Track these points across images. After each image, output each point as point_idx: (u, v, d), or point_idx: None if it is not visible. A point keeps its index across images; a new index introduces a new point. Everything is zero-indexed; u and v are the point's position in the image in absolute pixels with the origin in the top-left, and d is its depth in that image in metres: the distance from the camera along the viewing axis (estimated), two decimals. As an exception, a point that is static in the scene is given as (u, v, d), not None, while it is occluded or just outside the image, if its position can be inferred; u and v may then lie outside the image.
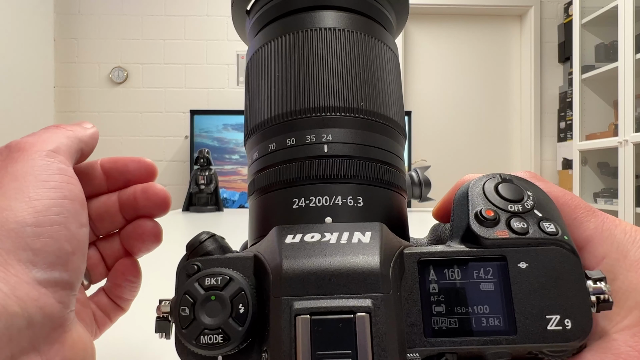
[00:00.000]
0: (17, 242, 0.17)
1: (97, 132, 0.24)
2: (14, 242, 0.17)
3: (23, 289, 0.16)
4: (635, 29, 2.13)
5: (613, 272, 0.18)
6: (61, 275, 0.18)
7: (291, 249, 0.17)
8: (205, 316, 0.16)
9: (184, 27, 2.80)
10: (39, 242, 0.17)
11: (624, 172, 2.17)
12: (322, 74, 0.21)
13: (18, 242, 0.17)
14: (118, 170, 0.25)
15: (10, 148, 0.20)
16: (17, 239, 0.17)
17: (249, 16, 0.25)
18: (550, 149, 3.01)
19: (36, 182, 0.18)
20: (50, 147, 0.20)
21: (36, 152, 0.19)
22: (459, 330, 0.16)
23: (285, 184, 0.20)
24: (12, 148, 0.20)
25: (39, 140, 0.20)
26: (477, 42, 3.04)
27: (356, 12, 0.23)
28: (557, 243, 0.17)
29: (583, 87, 2.52)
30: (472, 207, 0.18)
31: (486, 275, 0.17)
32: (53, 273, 0.18)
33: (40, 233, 0.17)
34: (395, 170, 0.22)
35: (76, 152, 0.22)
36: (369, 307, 0.15)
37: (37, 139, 0.20)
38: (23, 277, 0.17)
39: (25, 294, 0.16)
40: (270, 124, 0.21)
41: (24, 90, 2.36)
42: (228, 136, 2.53)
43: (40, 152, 0.19)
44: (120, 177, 0.25)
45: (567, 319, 0.16)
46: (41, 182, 0.18)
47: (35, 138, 0.20)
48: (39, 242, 0.17)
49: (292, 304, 0.15)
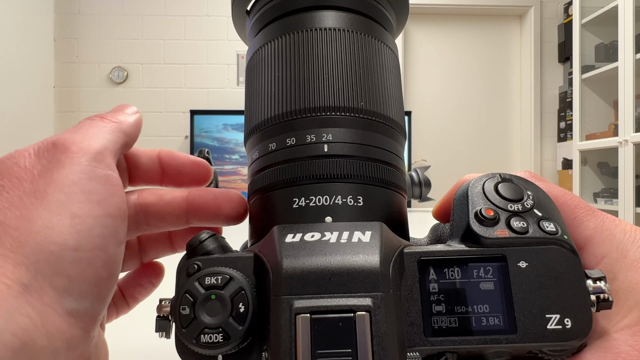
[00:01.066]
0: (55, 267, 0.16)
1: (141, 117, 0.23)
2: (52, 268, 0.16)
3: (54, 320, 0.15)
4: (635, 29, 2.12)
5: (613, 272, 0.18)
6: (92, 305, 0.17)
7: (291, 248, 0.17)
8: (205, 315, 0.16)
9: (184, 27, 2.80)
10: (76, 269, 0.16)
11: (624, 172, 2.17)
12: (322, 74, 0.21)
13: (56, 267, 0.16)
14: (176, 167, 0.24)
15: (56, 146, 0.18)
16: (56, 265, 0.16)
17: (249, 16, 0.25)
18: (550, 149, 3.01)
19: (81, 195, 0.17)
20: (96, 147, 0.19)
21: (82, 155, 0.18)
22: (459, 329, 0.16)
23: (286, 183, 0.20)
24: (58, 147, 0.18)
25: (84, 138, 0.19)
26: (477, 42, 3.04)
27: (356, 12, 0.23)
28: (557, 242, 0.17)
29: (583, 87, 2.52)
30: (472, 207, 0.18)
31: (486, 275, 0.17)
32: (84, 302, 0.17)
33: (80, 259, 0.16)
34: (395, 170, 0.22)
35: (121, 148, 0.21)
36: (369, 306, 0.15)
37: (83, 136, 0.19)
38: (55, 308, 0.16)
39: (55, 326, 0.15)
40: (271, 123, 0.21)
41: (24, 90, 2.36)
42: (228, 136, 2.53)
43: (86, 156, 0.18)
44: (177, 174, 0.24)
45: (567, 318, 0.16)
46: (86, 194, 0.17)
47: (81, 136, 0.19)
48: (76, 269, 0.16)
49: (292, 302, 0.15)
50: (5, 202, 0.16)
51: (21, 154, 0.18)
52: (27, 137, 2.41)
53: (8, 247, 0.15)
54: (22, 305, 0.15)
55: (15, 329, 0.14)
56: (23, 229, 0.16)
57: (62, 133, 0.19)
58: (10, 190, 0.17)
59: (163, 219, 0.23)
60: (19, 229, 0.16)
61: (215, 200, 0.23)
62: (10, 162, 0.18)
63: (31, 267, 0.15)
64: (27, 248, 0.16)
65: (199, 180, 0.24)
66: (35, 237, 0.16)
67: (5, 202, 0.16)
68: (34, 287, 0.15)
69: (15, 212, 0.16)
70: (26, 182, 0.17)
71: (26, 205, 0.16)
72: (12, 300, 0.15)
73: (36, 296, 0.15)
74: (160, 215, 0.22)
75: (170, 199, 0.23)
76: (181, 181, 0.24)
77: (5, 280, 0.15)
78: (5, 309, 0.14)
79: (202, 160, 0.24)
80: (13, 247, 0.15)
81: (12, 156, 0.18)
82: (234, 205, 0.23)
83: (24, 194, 0.17)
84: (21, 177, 0.17)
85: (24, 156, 0.18)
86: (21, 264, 0.15)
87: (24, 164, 0.17)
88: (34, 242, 0.16)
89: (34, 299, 0.15)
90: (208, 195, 0.23)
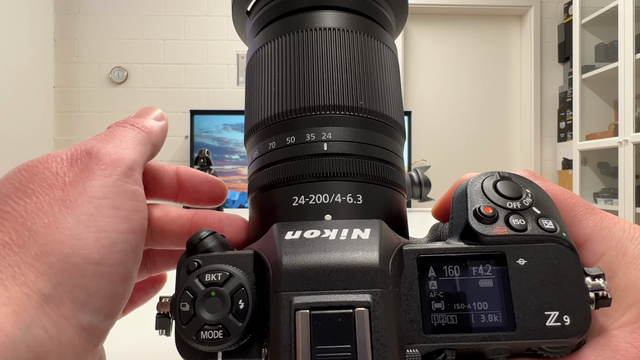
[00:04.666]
0: (77, 280, 0.16)
1: (167, 123, 0.22)
2: (73, 280, 0.16)
3: (68, 334, 0.15)
4: (635, 29, 2.13)
5: (612, 269, 0.18)
6: (105, 319, 0.17)
7: (291, 245, 0.17)
8: (205, 312, 0.16)
9: (184, 27, 2.80)
10: (96, 283, 0.16)
11: (624, 172, 2.17)
12: (322, 73, 0.21)
13: (78, 280, 0.16)
14: (194, 185, 0.23)
15: (90, 156, 0.18)
16: (78, 277, 0.16)
17: (250, 17, 0.25)
18: (550, 149, 3.01)
19: (109, 210, 0.17)
20: (128, 162, 0.19)
21: (115, 168, 0.18)
22: (458, 326, 0.16)
23: (285, 181, 0.20)
24: (92, 157, 0.18)
25: (118, 149, 0.19)
26: (477, 42, 3.04)
27: (356, 12, 0.23)
28: (555, 240, 0.17)
29: (583, 87, 2.52)
30: (471, 205, 0.18)
31: (485, 272, 0.17)
32: (98, 317, 0.17)
33: (101, 273, 0.16)
34: (394, 169, 0.22)
35: (148, 158, 0.21)
36: (368, 302, 0.15)
37: (117, 148, 0.19)
38: (71, 321, 0.16)
39: (68, 340, 0.15)
40: (271, 122, 0.21)
41: (24, 90, 2.36)
42: (228, 136, 2.53)
43: (118, 169, 0.18)
44: (193, 192, 0.24)
45: (566, 315, 0.16)
46: (114, 209, 0.17)
47: (115, 147, 0.19)
48: (96, 283, 0.16)
49: (292, 299, 0.15)
50: (34, 206, 0.16)
51: (54, 159, 0.18)
52: (27, 137, 2.42)
53: (32, 255, 0.15)
54: (39, 316, 0.15)
55: (30, 341, 0.14)
56: (50, 237, 0.16)
57: (95, 140, 0.19)
58: (39, 195, 0.17)
59: (165, 236, 0.22)
60: (46, 237, 0.16)
61: (218, 224, 0.22)
62: (42, 166, 0.17)
63: (53, 277, 0.15)
64: (52, 258, 0.15)
65: (214, 199, 0.24)
66: (61, 247, 0.16)
67: (33, 206, 0.16)
68: (54, 298, 0.15)
69: (43, 219, 0.16)
70: (57, 189, 0.17)
71: (55, 214, 0.16)
72: (30, 311, 0.15)
73: (54, 307, 0.15)
74: (164, 232, 0.22)
75: (176, 216, 0.22)
76: (197, 199, 0.24)
77: (26, 290, 0.15)
78: (22, 320, 0.14)
79: (218, 180, 0.24)
80: (38, 255, 0.15)
81: (44, 160, 0.18)
82: (236, 230, 0.22)
83: (53, 200, 0.17)
84: (52, 183, 0.17)
85: (56, 161, 0.18)
86: (44, 273, 0.15)
87: (56, 170, 0.17)
88: (60, 253, 0.16)
89: (52, 310, 0.15)
90: (213, 217, 0.22)
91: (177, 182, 0.23)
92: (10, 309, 0.14)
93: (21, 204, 0.16)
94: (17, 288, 0.15)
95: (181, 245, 0.23)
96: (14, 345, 0.14)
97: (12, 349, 0.14)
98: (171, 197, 0.24)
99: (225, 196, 0.24)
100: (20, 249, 0.15)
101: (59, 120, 2.71)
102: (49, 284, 0.15)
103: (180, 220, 0.22)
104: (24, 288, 0.15)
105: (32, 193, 0.17)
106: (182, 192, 0.23)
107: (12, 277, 0.15)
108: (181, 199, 0.24)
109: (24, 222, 0.16)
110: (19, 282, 0.15)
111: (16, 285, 0.15)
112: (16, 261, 0.15)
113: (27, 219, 0.16)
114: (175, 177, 0.23)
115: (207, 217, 0.22)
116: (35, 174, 0.17)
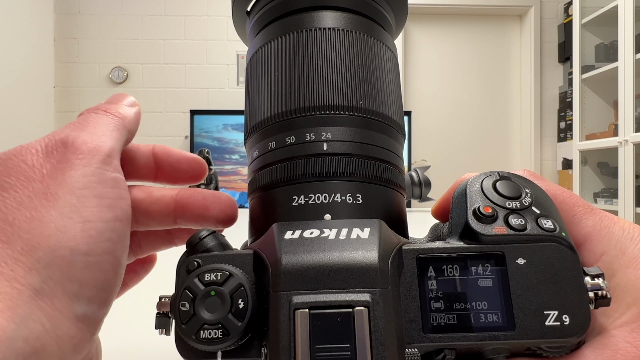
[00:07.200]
0: (67, 272, 0.16)
1: (139, 110, 0.22)
2: (63, 272, 0.16)
3: (64, 326, 0.15)
4: (635, 29, 2.13)
5: (611, 269, 0.18)
6: (99, 308, 0.17)
7: (290, 245, 0.17)
8: (205, 311, 0.16)
9: (184, 27, 2.80)
10: (87, 274, 0.16)
11: (624, 172, 2.17)
12: (322, 73, 0.21)
13: (68, 272, 0.16)
14: (171, 164, 0.23)
15: (66, 145, 0.18)
16: (68, 269, 0.16)
17: (249, 17, 0.26)
18: (550, 149, 3.01)
19: (92, 200, 0.17)
20: (106, 149, 0.18)
21: (93, 157, 0.18)
22: (457, 326, 0.16)
23: (285, 181, 0.20)
24: (69, 146, 0.18)
25: (94, 137, 0.18)
26: (477, 42, 3.04)
27: (355, 13, 0.23)
28: (555, 239, 0.17)
29: (583, 87, 2.52)
30: (470, 204, 0.18)
31: (484, 272, 0.17)
32: (92, 306, 0.17)
33: (91, 264, 0.16)
34: (394, 169, 0.22)
35: (124, 144, 0.20)
36: (368, 302, 0.15)
37: (92, 136, 0.18)
38: (65, 313, 0.16)
39: (64, 332, 0.15)
40: (270, 122, 0.21)
41: (24, 90, 2.36)
42: (228, 136, 2.53)
43: (96, 157, 0.18)
44: (171, 171, 0.23)
45: (565, 314, 0.16)
46: (97, 199, 0.17)
47: (90, 135, 0.18)
48: (87, 274, 0.16)
49: (291, 298, 0.15)
50: (14, 201, 0.16)
51: (28, 151, 0.17)
52: (27, 137, 2.40)
53: (19, 250, 0.15)
54: (33, 310, 0.15)
55: (27, 335, 0.14)
56: (35, 231, 0.15)
57: (69, 129, 0.18)
58: (18, 189, 0.16)
59: (150, 216, 0.22)
60: (31, 232, 0.15)
61: (203, 201, 0.22)
62: (17, 159, 0.17)
63: (43, 271, 0.15)
64: (39, 252, 0.15)
65: (194, 177, 0.23)
66: (47, 240, 0.15)
67: (13, 201, 0.16)
68: (46, 292, 0.15)
69: (25, 213, 0.16)
70: (35, 181, 0.16)
71: (37, 207, 0.16)
72: (23, 306, 0.14)
73: (47, 301, 0.15)
74: (148, 213, 0.22)
75: (159, 196, 0.22)
76: (176, 178, 0.23)
77: (16, 285, 0.15)
78: (17, 315, 0.14)
79: (197, 156, 0.24)
80: (24, 250, 0.15)
81: (18, 152, 0.17)
82: (222, 207, 0.22)
83: (33, 194, 0.16)
84: (29, 176, 0.17)
85: (31, 153, 0.17)
86: (33, 268, 0.15)
87: (32, 162, 0.17)
88: (46, 246, 0.15)
89: (45, 304, 0.15)
90: (197, 196, 0.22)
91: (154, 161, 0.23)
92: (3, 304, 0.14)
93: (0, 198, 0.16)
94: (7, 283, 0.14)
95: (167, 225, 0.22)
96: (10, 340, 0.14)
97: (9, 343, 0.13)
98: (150, 177, 0.23)
99: (205, 173, 0.24)
100: (4, 244, 0.15)
101: (59, 120, 2.71)
102: (39, 278, 0.15)
103: (164, 200, 0.22)
104: (14, 283, 0.15)
105: (9, 187, 0.16)
106: (160, 171, 0.23)
107: (0, 274, 0.15)
108: (160, 178, 0.23)
109: (4, 217, 0.15)
110: (8, 277, 0.15)
111: (5, 280, 0.14)
112: (2, 257, 0.15)
113: (7, 214, 0.16)
114: (151, 156, 0.23)
115: (192, 195, 0.22)
116: (10, 167, 0.17)
